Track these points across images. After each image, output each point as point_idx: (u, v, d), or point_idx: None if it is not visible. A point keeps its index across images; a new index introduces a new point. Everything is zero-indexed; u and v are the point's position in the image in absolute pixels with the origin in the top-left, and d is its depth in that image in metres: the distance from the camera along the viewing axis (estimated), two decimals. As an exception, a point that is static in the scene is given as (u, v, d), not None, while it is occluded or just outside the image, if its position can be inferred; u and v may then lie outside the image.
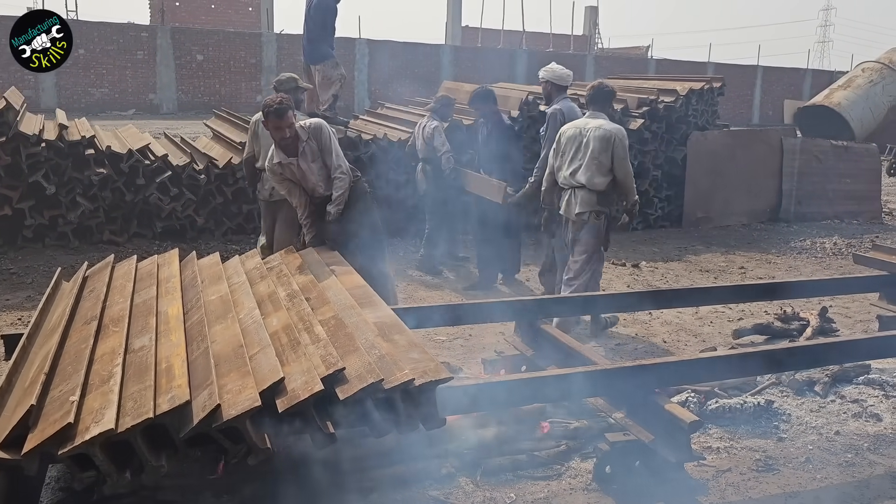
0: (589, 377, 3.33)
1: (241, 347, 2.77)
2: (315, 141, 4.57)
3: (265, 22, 25.52)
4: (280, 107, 4.39)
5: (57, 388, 2.56)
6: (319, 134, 4.59)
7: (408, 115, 8.82)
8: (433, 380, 2.56)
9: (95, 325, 3.08)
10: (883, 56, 18.54)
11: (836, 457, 3.63)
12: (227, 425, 2.32)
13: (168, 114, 20.01)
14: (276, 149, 4.56)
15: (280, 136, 4.46)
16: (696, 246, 8.55)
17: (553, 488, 3.27)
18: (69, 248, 7.02)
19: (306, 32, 8.47)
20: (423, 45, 23.94)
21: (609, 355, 4.89)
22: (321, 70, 8.41)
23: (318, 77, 8.45)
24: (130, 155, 7.16)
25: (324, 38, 8.37)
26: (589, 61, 26.95)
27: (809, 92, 25.99)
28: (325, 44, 8.37)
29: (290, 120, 4.45)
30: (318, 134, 4.59)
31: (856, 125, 16.84)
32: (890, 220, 11.01)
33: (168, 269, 3.94)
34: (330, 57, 8.37)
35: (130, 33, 20.08)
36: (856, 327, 5.78)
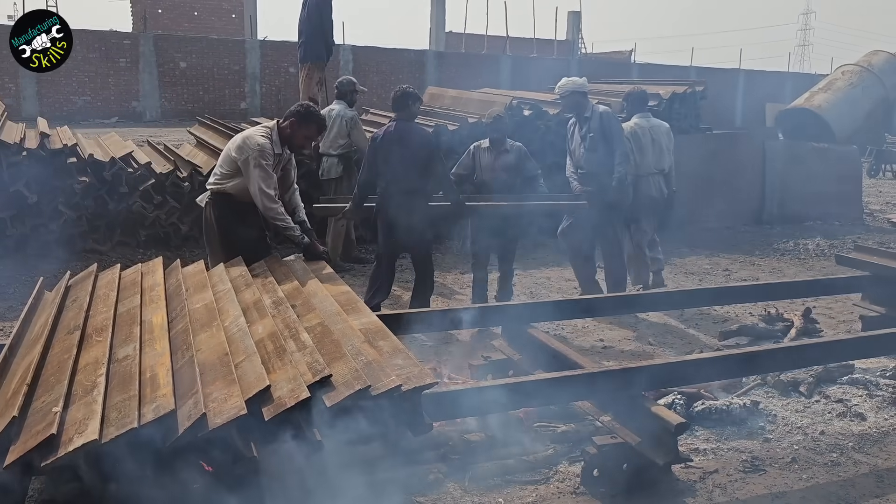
0: (576, 381, 3.34)
1: (226, 355, 2.75)
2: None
3: (248, 29, 25.40)
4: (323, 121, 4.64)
5: (40, 400, 2.53)
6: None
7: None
8: (419, 385, 2.55)
9: (78, 334, 3.05)
10: (862, 59, 18.74)
11: (821, 456, 3.66)
12: (213, 434, 2.30)
13: (151, 121, 19.86)
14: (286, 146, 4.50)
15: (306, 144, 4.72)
16: (680, 248, 8.60)
17: (541, 492, 3.27)
18: (52, 257, 6.94)
19: (302, 32, 8.50)
20: (407, 51, 23.93)
21: (595, 358, 4.90)
22: (308, 70, 8.45)
23: (302, 75, 8.49)
24: (113, 163, 7.11)
25: (320, 38, 8.39)
26: (573, 66, 27.02)
27: (790, 95, 26.17)
28: (320, 43, 8.40)
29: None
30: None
31: (836, 127, 16.98)
32: (871, 221, 11.13)
33: (152, 277, 3.91)
34: (321, 59, 8.42)
35: (112, 40, 19.91)
36: (839, 328, 5.83)
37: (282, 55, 21.79)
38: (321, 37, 8.43)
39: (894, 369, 4.65)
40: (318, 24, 8.38)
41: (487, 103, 9.18)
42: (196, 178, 7.37)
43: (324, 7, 8.38)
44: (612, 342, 5.44)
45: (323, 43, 8.49)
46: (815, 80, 22.83)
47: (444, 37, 29.23)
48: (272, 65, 21.72)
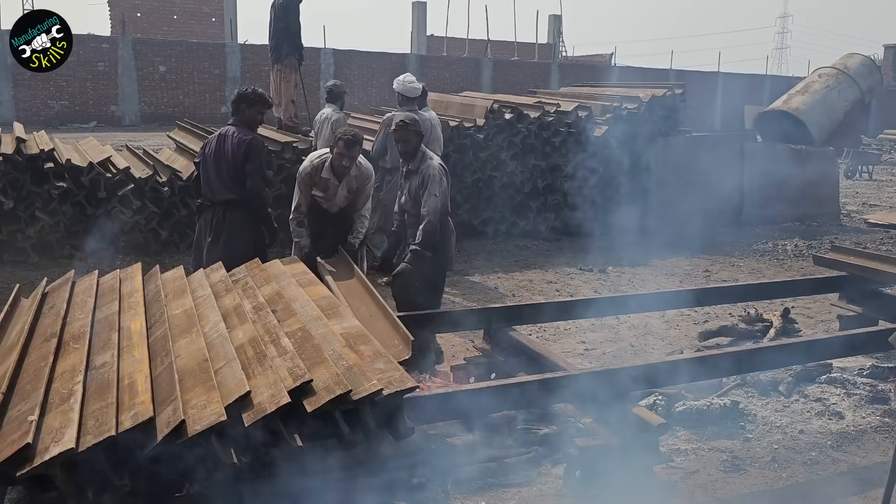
0: (557, 383, 3.35)
1: (206, 361, 2.73)
2: (357, 181, 5.04)
3: (229, 33, 25.26)
4: (354, 139, 4.88)
5: (15, 408, 2.49)
6: (367, 180, 5.12)
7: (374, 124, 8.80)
8: (400, 389, 2.55)
9: (55, 342, 3.01)
10: (838, 62, 19.02)
11: (800, 455, 3.70)
12: (193, 441, 2.28)
13: (131, 126, 19.69)
14: (328, 165, 4.95)
15: (340, 161, 4.89)
16: (660, 250, 8.66)
17: (524, 495, 3.27)
18: (28, 263, 6.86)
19: (271, 33, 8.53)
20: (388, 55, 23.93)
21: (577, 360, 4.92)
22: (280, 69, 8.46)
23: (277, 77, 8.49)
24: (91, 168, 7.03)
25: (286, 38, 8.43)
26: (553, 69, 27.18)
27: (769, 97, 26.46)
28: (287, 44, 8.43)
29: (356, 154, 4.93)
30: (366, 180, 5.11)
31: (814, 129, 17.22)
32: (848, 222, 11.27)
33: (130, 283, 3.87)
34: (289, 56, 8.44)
35: (91, 44, 19.71)
36: (817, 327, 5.89)
37: (262, 59, 21.63)
38: (289, 38, 8.47)
39: (871, 368, 4.72)
40: (285, 25, 8.42)
41: (469, 106, 9.21)
42: (175, 183, 7.31)
43: (290, 8, 8.41)
44: (594, 344, 5.46)
45: (292, 44, 8.52)
46: (792, 82, 23.11)
47: (426, 40, 29.27)
48: (253, 69, 21.62)
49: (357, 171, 5.02)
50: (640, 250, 8.74)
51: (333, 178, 4.99)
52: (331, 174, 4.98)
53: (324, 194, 5.05)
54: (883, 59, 31.26)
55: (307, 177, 5.04)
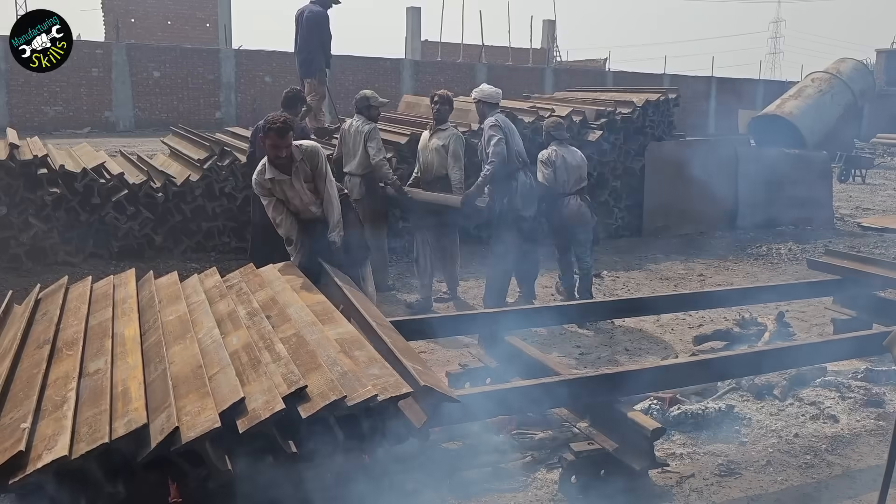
0: (552, 387, 3.34)
1: (200, 368, 2.72)
2: (308, 163, 4.60)
3: (223, 38, 25.27)
4: (283, 126, 4.41)
5: (7, 416, 2.48)
6: (315, 157, 4.62)
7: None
8: (395, 395, 2.54)
9: (48, 348, 3.00)
10: (831, 66, 19.09)
11: (795, 459, 3.70)
12: (187, 448, 2.27)
13: (125, 131, 19.66)
14: (268, 165, 4.56)
15: (275, 153, 4.48)
16: (655, 255, 8.67)
17: (519, 499, 3.27)
18: (22, 270, 6.83)
19: (301, 46, 8.59)
20: (383, 60, 23.97)
21: (572, 365, 4.92)
22: (312, 84, 8.53)
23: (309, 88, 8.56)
24: (85, 174, 7.01)
25: (319, 50, 8.52)
26: (548, 74, 27.26)
27: (762, 102, 26.59)
28: (319, 56, 8.52)
29: (290, 141, 4.48)
30: (314, 158, 4.62)
31: (807, 133, 17.26)
32: (842, 226, 11.30)
33: (124, 289, 3.86)
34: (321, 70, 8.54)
35: (85, 50, 19.68)
36: (812, 331, 5.90)
37: (257, 64, 21.71)
38: (321, 51, 8.58)
39: (866, 371, 4.73)
40: (318, 39, 8.53)
41: (463, 112, 9.21)
42: (170, 189, 7.30)
43: (321, 21, 8.52)
44: (589, 349, 5.46)
45: (324, 56, 8.69)
46: (785, 87, 23.20)
47: (420, 45, 29.33)
48: (247, 74, 21.63)
49: (301, 153, 4.58)
50: (635, 255, 8.76)
51: (279, 174, 4.56)
52: (275, 172, 4.56)
53: (287, 199, 4.66)
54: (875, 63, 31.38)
55: (259, 188, 4.65)
